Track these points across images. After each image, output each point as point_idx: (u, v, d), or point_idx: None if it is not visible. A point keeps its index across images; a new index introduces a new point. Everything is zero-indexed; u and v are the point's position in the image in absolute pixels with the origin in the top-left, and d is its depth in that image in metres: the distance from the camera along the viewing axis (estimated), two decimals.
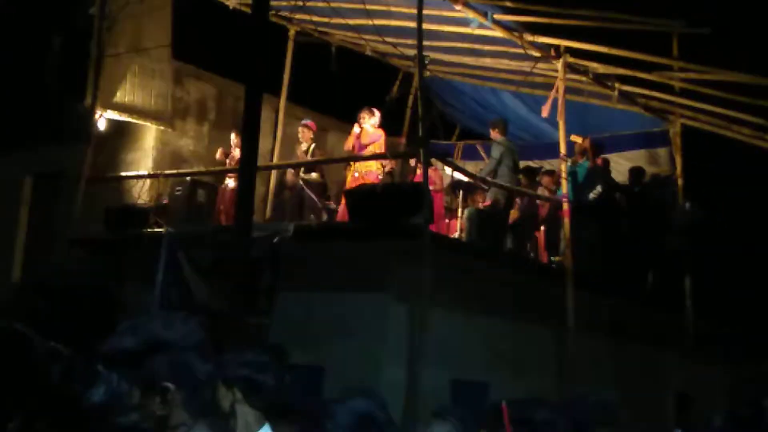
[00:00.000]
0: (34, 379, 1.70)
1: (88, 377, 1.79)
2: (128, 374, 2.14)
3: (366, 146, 12.39)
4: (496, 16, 11.51)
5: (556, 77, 12.17)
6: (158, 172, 13.33)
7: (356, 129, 12.53)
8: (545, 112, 12.06)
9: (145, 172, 13.53)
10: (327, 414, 1.87)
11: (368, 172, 12.28)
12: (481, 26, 11.61)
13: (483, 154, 13.90)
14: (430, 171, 12.35)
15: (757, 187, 15.97)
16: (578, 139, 13.03)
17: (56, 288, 12.58)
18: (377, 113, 12.54)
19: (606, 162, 13.95)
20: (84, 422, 1.97)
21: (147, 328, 2.34)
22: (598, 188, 13.03)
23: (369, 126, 12.45)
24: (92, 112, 12.72)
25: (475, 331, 10.91)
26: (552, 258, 13.00)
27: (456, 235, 12.39)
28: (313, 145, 13.25)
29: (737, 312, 14.02)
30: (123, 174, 13.71)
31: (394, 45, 13.59)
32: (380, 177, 12.42)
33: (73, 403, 1.82)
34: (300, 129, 13.40)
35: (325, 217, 12.64)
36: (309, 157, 13.10)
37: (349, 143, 12.64)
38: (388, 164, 12.96)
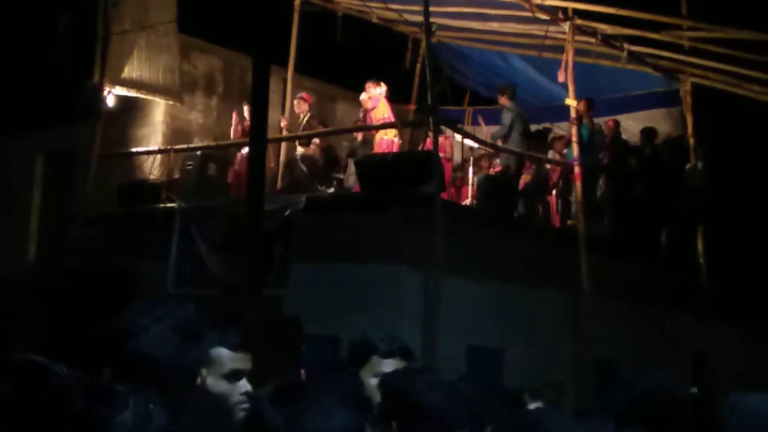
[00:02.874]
0: (58, 409, 1.66)
1: (113, 402, 1.76)
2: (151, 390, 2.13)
3: (370, 115, 12.38)
4: None
5: (564, 40, 12.10)
6: (168, 147, 13.34)
7: (369, 105, 12.48)
8: (561, 77, 11.99)
9: (156, 148, 13.54)
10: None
11: (380, 140, 12.22)
12: None
13: (482, 123, 13.75)
14: (442, 139, 12.32)
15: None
16: (573, 103, 12.77)
17: (71, 266, 12.65)
18: (383, 85, 12.48)
19: (617, 123, 13.89)
20: None
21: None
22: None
23: (378, 98, 12.40)
24: (101, 89, 12.72)
25: (490, 297, 10.92)
26: (564, 222, 12.97)
27: (467, 201, 12.38)
28: (308, 115, 13.16)
29: (751, 271, 14.01)
30: (134, 150, 13.72)
31: (400, 12, 13.51)
32: (395, 145, 12.35)
33: (100, 431, 1.78)
34: (296, 102, 13.37)
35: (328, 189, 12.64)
36: (302, 130, 13.08)
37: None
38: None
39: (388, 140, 12.29)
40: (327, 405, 2.36)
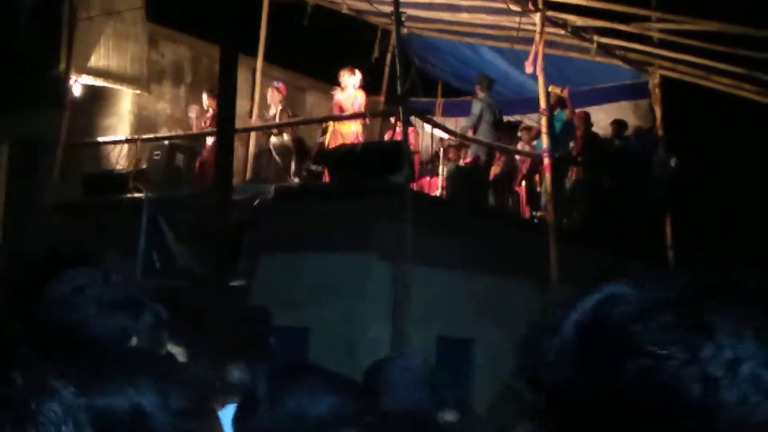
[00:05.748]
0: None
1: (42, 392, 1.72)
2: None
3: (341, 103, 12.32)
4: None
5: (534, 31, 12.09)
6: (135, 137, 13.21)
7: (338, 95, 12.36)
8: (529, 69, 11.98)
9: (123, 137, 13.41)
10: None
11: (348, 133, 12.16)
12: None
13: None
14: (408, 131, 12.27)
15: (737, 136, 16.00)
16: (556, 90, 12.88)
17: (35, 255, 12.50)
18: (358, 73, 12.40)
19: (587, 115, 13.90)
20: None
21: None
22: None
23: (351, 87, 12.30)
24: (67, 78, 12.57)
25: (459, 287, 10.91)
26: (534, 212, 12.99)
27: (437, 192, 12.36)
28: (280, 108, 13.08)
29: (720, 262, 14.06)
30: (100, 140, 13.58)
31: (371, 2, 13.46)
32: (360, 137, 12.30)
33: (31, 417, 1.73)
34: (269, 91, 13.26)
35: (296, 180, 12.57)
36: (276, 121, 13.00)
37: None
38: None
39: (354, 132, 12.24)
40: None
